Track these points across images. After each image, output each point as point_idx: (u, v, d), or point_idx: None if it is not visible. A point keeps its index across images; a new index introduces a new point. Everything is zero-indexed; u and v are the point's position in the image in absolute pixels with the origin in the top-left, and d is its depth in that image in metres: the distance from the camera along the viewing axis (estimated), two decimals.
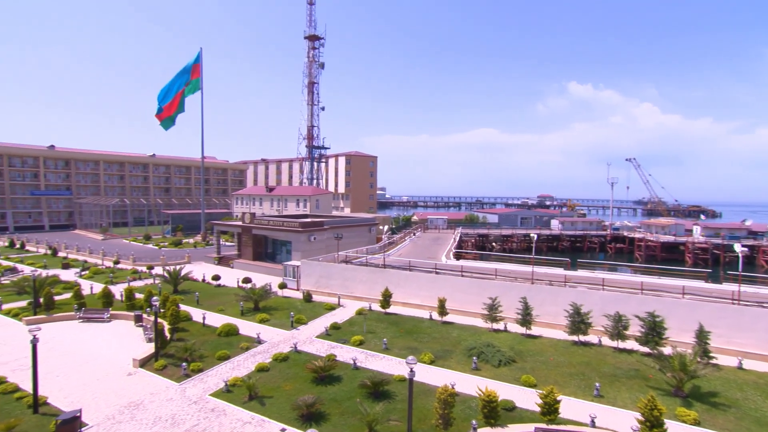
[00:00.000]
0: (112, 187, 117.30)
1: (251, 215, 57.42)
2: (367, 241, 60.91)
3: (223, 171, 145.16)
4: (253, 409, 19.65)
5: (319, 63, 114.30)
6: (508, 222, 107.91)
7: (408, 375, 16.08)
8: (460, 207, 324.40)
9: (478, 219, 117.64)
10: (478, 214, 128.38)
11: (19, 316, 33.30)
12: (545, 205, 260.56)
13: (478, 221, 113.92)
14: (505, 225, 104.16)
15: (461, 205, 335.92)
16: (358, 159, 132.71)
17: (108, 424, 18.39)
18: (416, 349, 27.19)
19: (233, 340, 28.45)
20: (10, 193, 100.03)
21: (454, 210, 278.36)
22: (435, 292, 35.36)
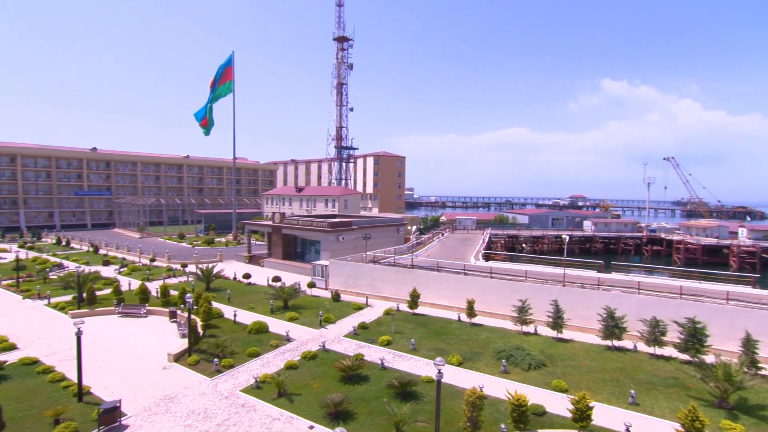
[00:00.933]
0: (149, 187, 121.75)
1: (281, 215, 58.35)
2: (395, 242, 60.87)
3: (253, 171, 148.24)
4: (282, 405, 19.92)
5: (348, 64, 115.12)
6: (539, 223, 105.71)
7: (436, 376, 15.93)
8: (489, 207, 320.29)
9: (508, 220, 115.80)
10: (508, 214, 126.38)
11: (65, 309, 34.95)
12: (577, 206, 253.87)
13: (508, 222, 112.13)
14: (536, 226, 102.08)
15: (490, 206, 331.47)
16: (386, 159, 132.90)
17: (145, 415, 19.04)
18: (444, 350, 26.95)
19: (263, 338, 28.95)
20: (57, 193, 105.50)
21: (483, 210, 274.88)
22: (463, 293, 34.97)
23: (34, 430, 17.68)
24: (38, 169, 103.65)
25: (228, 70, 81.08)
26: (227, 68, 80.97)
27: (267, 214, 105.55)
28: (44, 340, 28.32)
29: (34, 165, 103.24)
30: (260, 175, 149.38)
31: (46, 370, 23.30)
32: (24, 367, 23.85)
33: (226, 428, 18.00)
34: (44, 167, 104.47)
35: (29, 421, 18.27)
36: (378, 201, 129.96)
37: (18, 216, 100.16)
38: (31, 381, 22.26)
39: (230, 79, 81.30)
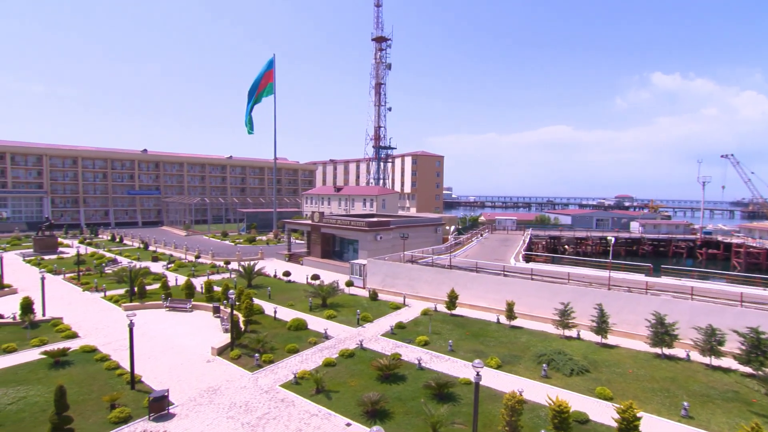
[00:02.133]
0: (194, 187, 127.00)
1: (320, 214, 59.31)
2: (433, 242, 60.50)
3: (294, 171, 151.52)
4: (320, 402, 20.25)
5: (386, 64, 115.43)
6: (583, 224, 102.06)
7: (474, 378, 15.71)
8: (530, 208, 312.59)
9: (550, 220, 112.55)
10: (550, 215, 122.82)
11: (119, 302, 37.05)
12: (624, 206, 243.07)
13: (550, 222, 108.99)
14: (579, 227, 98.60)
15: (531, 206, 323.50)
16: (424, 159, 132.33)
17: (190, 405, 19.88)
18: (482, 352, 26.54)
19: (302, 335, 29.54)
20: (112, 192, 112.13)
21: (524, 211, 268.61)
22: (503, 294, 34.30)
23: (93, 412, 18.85)
24: (96, 170, 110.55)
25: (269, 72, 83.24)
26: (268, 71, 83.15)
27: (306, 213, 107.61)
28: (101, 330, 30.14)
29: (92, 166, 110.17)
30: (300, 175, 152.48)
31: (103, 358, 24.79)
32: (84, 354, 25.48)
33: (266, 422, 18.50)
34: (101, 168, 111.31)
35: (89, 405, 19.49)
36: (416, 201, 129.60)
37: (78, 214, 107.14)
38: (91, 367, 23.74)
39: (271, 81, 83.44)
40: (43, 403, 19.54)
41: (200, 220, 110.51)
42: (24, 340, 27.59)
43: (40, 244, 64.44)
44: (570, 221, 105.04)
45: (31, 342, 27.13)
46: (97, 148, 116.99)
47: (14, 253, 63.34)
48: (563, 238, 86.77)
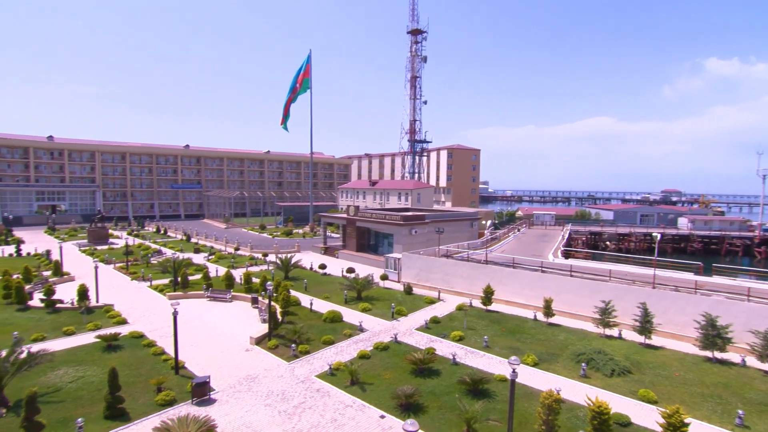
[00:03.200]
0: (234, 181, 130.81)
1: (355, 208, 59.79)
2: (469, 236, 59.81)
3: (329, 166, 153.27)
4: (355, 393, 20.51)
5: (422, 57, 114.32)
6: (626, 219, 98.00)
7: (510, 375, 15.46)
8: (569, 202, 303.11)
9: (590, 215, 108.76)
10: (590, 210, 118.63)
11: (164, 291, 38.79)
12: (671, 201, 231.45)
13: (590, 218, 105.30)
14: (622, 222, 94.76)
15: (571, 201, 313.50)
16: (460, 152, 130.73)
17: (230, 392, 20.62)
18: (519, 349, 26.08)
19: (337, 327, 29.97)
20: (157, 186, 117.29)
21: (563, 205, 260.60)
22: (540, 291, 33.52)
23: (142, 394, 19.91)
24: (142, 165, 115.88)
25: (306, 68, 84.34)
26: (305, 66, 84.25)
27: (342, 207, 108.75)
28: (147, 318, 31.70)
29: (139, 162, 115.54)
30: (336, 169, 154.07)
31: (149, 344, 26.09)
32: (133, 340, 26.91)
33: (302, 410, 18.93)
34: (147, 164, 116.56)
35: (137, 387, 20.59)
36: (451, 195, 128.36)
37: (127, 207, 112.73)
38: (139, 352, 25.05)
39: (308, 76, 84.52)
40: (98, 382, 20.81)
41: (239, 213, 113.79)
42: (80, 324, 29.45)
43: (93, 235, 68.28)
44: (612, 217, 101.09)
45: (86, 326, 28.94)
46: (144, 144, 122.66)
47: (71, 243, 67.46)
48: (605, 234, 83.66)
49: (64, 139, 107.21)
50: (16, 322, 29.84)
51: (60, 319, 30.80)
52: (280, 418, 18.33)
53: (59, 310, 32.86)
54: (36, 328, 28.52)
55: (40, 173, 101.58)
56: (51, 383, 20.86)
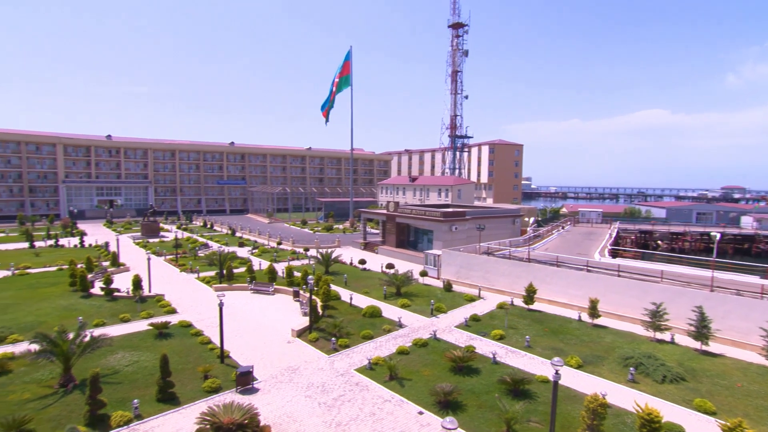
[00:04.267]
0: (276, 177, 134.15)
1: (395, 204, 59.84)
2: (511, 234, 58.52)
3: (369, 162, 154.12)
4: (393, 388, 20.59)
5: (463, 51, 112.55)
6: (680, 217, 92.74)
7: (553, 377, 15.02)
8: (617, 199, 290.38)
9: (640, 213, 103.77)
10: (640, 207, 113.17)
11: (210, 283, 40.41)
12: (733, 199, 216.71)
13: (640, 215, 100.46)
14: (676, 221, 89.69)
15: (619, 197, 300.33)
16: (502, 148, 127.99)
17: (272, 382, 21.23)
18: (562, 350, 25.29)
19: (376, 322, 30.16)
20: (204, 182, 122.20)
21: (610, 202, 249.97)
22: (585, 291, 32.33)
23: (190, 380, 20.87)
24: (190, 162, 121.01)
25: (347, 64, 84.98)
26: (346, 62, 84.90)
27: (382, 203, 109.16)
28: (195, 308, 33.13)
29: (187, 158, 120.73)
30: (376, 166, 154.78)
31: (197, 333, 27.28)
32: (182, 329, 28.22)
33: (341, 403, 19.22)
34: (195, 160, 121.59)
35: (186, 374, 21.60)
36: (493, 191, 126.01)
37: (176, 202, 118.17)
38: (187, 340, 26.25)
39: (348, 73, 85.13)
40: (151, 367, 21.99)
41: (282, 208, 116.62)
42: (135, 312, 31.22)
43: (146, 228, 72.07)
44: (664, 214, 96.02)
45: (140, 314, 30.65)
46: (191, 141, 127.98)
47: (126, 235, 71.55)
48: (656, 232, 79.51)
49: (120, 138, 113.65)
50: (80, 308, 32.05)
51: (117, 306, 32.77)
52: (320, 409, 18.69)
53: (116, 298, 34.97)
54: (97, 315, 30.51)
55: (100, 170, 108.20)
56: (110, 366, 22.26)
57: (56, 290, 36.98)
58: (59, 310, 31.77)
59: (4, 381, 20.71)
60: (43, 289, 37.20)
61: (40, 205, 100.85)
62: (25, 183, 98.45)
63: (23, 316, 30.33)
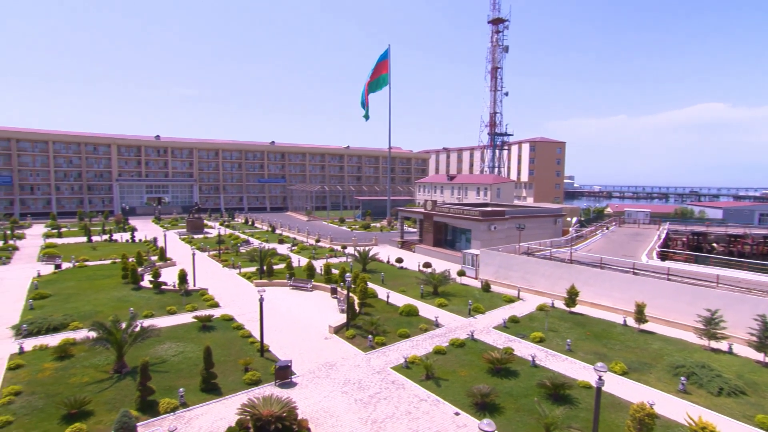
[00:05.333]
0: (315, 175, 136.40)
1: (433, 203, 59.46)
2: (552, 234, 56.86)
3: (407, 160, 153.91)
4: (429, 388, 20.47)
5: (503, 47, 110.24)
6: (739, 218, 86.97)
7: (596, 383, 14.44)
8: (667, 199, 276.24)
9: (693, 214, 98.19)
10: (693, 207, 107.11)
11: (251, 278, 41.61)
12: None
13: (693, 216, 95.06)
14: (734, 222, 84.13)
15: (669, 197, 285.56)
16: (543, 145, 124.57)
17: (310, 377, 21.60)
18: (605, 355, 24.32)
19: (413, 320, 30.09)
20: (245, 180, 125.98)
21: (659, 202, 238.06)
22: (631, 294, 30.93)
23: (231, 372, 21.57)
24: (233, 161, 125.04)
25: (384, 63, 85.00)
26: (384, 61, 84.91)
27: (419, 202, 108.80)
28: (236, 302, 34.20)
29: (230, 157, 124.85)
30: (413, 164, 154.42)
31: (238, 327, 28.16)
32: (224, 322, 29.22)
33: (377, 401, 19.29)
34: (237, 159, 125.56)
35: (228, 365, 22.34)
36: (533, 190, 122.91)
37: (219, 199, 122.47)
38: (229, 334, 27.14)
39: (386, 72, 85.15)
40: (195, 358, 22.90)
41: (320, 206, 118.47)
42: (180, 305, 32.61)
43: (191, 225, 75.08)
44: (721, 215, 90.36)
45: (185, 307, 31.97)
46: (234, 141, 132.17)
47: (173, 231, 74.86)
48: (711, 234, 74.90)
49: (168, 138, 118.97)
50: (131, 300, 33.85)
51: (164, 299, 34.34)
52: (356, 406, 18.84)
53: (164, 291, 36.64)
54: (146, 306, 32.10)
55: (149, 169, 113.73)
56: (158, 355, 23.37)
57: (110, 282, 39.21)
58: (113, 300, 33.67)
59: (66, 364, 22.23)
60: (99, 281, 39.55)
61: (97, 202, 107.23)
62: (84, 181, 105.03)
63: (82, 305, 32.39)
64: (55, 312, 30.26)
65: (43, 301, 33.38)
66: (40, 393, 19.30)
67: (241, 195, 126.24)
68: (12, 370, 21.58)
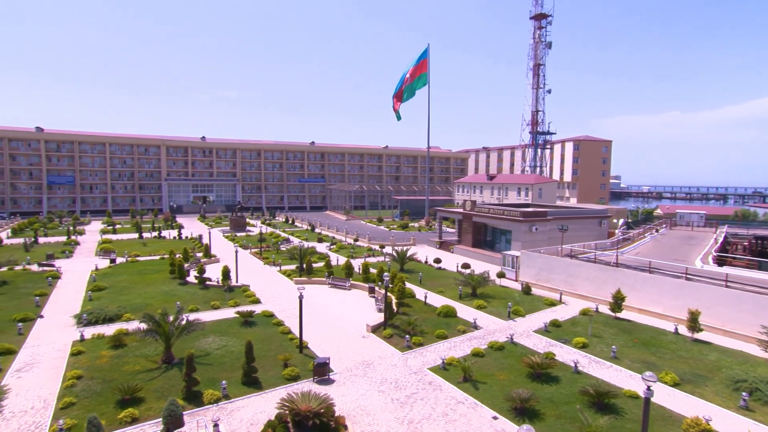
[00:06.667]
0: (354, 175, 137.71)
1: (472, 203, 58.62)
2: (596, 236, 54.75)
3: (446, 160, 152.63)
4: (467, 390, 20.18)
5: (546, 43, 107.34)
6: None
7: (644, 393, 13.74)
8: (725, 200, 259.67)
9: (756, 216, 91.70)
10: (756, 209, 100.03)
11: (291, 276, 42.51)
12: None
13: (756, 219, 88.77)
14: None
15: (727, 198, 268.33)
16: (588, 144, 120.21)
17: (347, 375, 21.81)
18: (654, 364, 23.13)
19: (451, 322, 29.77)
20: (286, 180, 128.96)
21: (717, 204, 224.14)
22: (684, 301, 29.24)
23: (271, 367, 22.11)
24: (274, 161, 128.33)
25: (423, 62, 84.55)
26: (423, 60, 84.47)
27: (458, 202, 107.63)
28: (277, 299, 35.03)
29: (271, 158, 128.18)
30: (452, 164, 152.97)
31: (278, 323, 28.83)
32: (265, 318, 30.00)
33: (414, 401, 19.22)
34: (278, 159, 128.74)
35: (268, 360, 22.92)
36: (577, 190, 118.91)
37: (261, 198, 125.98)
38: (269, 329, 27.84)
39: (425, 71, 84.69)
40: (237, 352, 23.64)
41: (358, 205, 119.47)
42: (223, 300, 33.77)
43: (234, 223, 77.61)
44: None
45: (228, 303, 33.08)
46: (275, 141, 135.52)
47: (217, 229, 77.62)
48: None
49: (213, 139, 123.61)
50: (178, 294, 35.39)
51: (208, 294, 35.67)
52: (393, 405, 18.84)
53: (208, 286, 38.06)
54: (192, 300, 33.47)
55: (195, 169, 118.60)
56: (203, 348, 24.30)
57: (159, 277, 41.16)
58: (161, 294, 35.33)
59: (120, 353, 23.56)
60: (149, 276, 41.62)
61: (147, 201, 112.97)
62: (136, 181, 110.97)
63: (134, 297, 34.21)
64: (111, 303, 32.12)
65: (100, 293, 35.53)
66: (98, 378, 20.60)
67: (281, 194, 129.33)
68: (74, 355, 23.22)
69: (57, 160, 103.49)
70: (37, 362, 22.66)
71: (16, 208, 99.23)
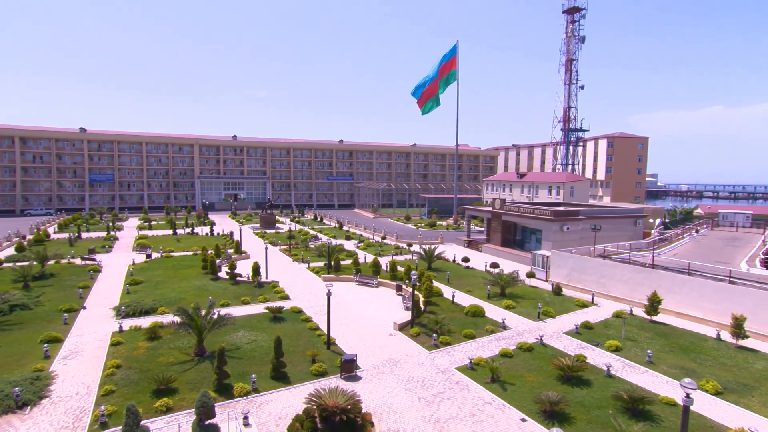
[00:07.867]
0: (382, 173, 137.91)
1: (501, 201, 57.73)
2: (631, 236, 52.95)
3: (474, 158, 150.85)
4: (495, 391, 19.90)
5: (579, 37, 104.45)
6: None
7: (683, 401, 13.19)
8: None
9: None
10: None
11: (319, 273, 42.97)
12: None
13: None
14: None
15: None
16: (622, 141, 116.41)
17: (374, 372, 21.88)
18: (693, 371, 22.17)
19: (479, 321, 29.43)
20: (315, 178, 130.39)
21: (764, 203, 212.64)
22: (726, 305, 27.91)
23: (299, 363, 22.43)
24: (303, 159, 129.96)
25: (452, 59, 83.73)
26: (452, 57, 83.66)
27: (487, 200, 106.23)
28: (305, 296, 35.49)
29: (300, 156, 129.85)
30: (481, 161, 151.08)
31: (306, 319, 29.22)
32: (293, 314, 30.45)
33: (440, 400, 19.10)
34: (307, 158, 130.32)
35: (296, 356, 23.26)
36: (611, 189, 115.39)
37: (290, 196, 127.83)
38: (298, 325, 28.24)
39: (454, 68, 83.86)
40: (266, 347, 24.09)
41: (386, 203, 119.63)
42: (253, 295, 34.48)
43: (264, 220, 79.04)
44: None
45: (258, 298, 33.75)
46: (304, 140, 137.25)
47: (247, 226, 79.33)
48: None
49: (244, 138, 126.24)
50: (210, 289, 36.36)
51: (239, 289, 36.49)
52: (419, 404, 18.78)
53: (239, 282, 38.93)
54: (223, 295, 34.32)
55: (227, 167, 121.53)
56: (233, 342, 24.89)
57: (192, 272, 42.40)
58: (194, 289, 36.39)
59: (155, 345, 24.43)
60: (182, 271, 42.94)
61: (181, 198, 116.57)
62: (171, 179, 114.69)
63: (168, 292, 35.37)
64: (147, 297, 33.33)
65: (137, 286, 36.93)
66: (135, 368, 21.44)
67: (310, 192, 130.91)
68: (114, 346, 24.30)
69: (98, 159, 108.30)
70: (80, 351, 23.81)
71: (61, 204, 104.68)
